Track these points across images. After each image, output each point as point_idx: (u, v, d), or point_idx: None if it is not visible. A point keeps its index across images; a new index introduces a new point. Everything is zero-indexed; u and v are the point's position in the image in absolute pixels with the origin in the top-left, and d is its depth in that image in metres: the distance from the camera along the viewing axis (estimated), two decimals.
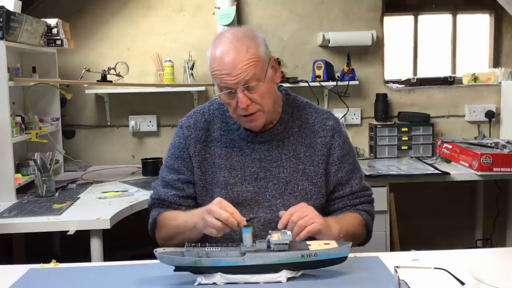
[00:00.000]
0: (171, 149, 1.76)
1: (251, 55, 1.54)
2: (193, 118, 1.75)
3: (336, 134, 1.72)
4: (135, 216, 2.47)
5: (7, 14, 2.49)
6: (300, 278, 1.38)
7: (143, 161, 3.22)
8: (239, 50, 1.54)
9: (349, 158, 1.74)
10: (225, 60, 1.54)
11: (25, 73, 3.00)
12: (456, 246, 2.22)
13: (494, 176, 3.04)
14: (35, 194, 2.59)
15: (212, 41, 1.61)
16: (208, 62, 1.60)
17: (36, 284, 1.42)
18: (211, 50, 1.59)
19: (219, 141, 1.70)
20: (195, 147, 1.70)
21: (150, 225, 1.75)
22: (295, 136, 1.70)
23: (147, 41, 3.52)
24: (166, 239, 1.69)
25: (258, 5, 3.55)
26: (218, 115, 1.73)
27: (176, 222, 1.65)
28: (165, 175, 1.75)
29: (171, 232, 1.66)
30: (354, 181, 1.73)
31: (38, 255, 1.90)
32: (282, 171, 1.67)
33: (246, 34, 1.58)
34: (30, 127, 2.84)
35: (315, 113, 1.75)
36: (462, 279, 1.31)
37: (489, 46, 3.88)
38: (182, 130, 1.74)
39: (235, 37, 1.56)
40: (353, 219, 1.69)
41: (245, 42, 1.55)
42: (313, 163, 1.69)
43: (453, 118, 3.67)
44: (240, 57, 1.53)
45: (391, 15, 3.76)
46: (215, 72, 1.57)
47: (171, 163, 1.74)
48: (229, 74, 1.54)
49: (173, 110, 3.55)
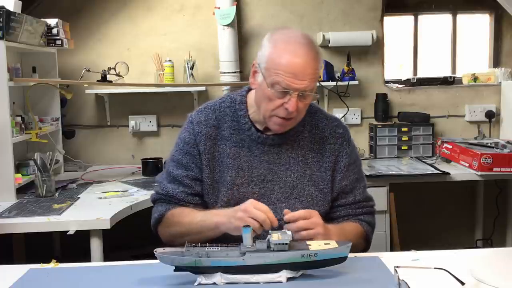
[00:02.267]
0: (180, 143, 1.73)
1: (317, 68, 1.58)
2: (204, 114, 1.72)
3: (345, 142, 1.73)
4: (135, 216, 2.47)
5: (7, 14, 2.49)
6: (300, 278, 1.38)
7: (143, 161, 3.21)
8: (312, 58, 1.55)
9: (355, 167, 1.75)
10: (296, 62, 1.53)
11: (25, 73, 3.00)
12: (456, 246, 2.22)
13: (494, 176, 3.04)
14: (35, 194, 2.59)
15: (277, 37, 1.59)
16: (268, 52, 1.57)
17: (36, 284, 1.42)
18: (277, 45, 1.57)
19: (228, 140, 1.68)
20: (205, 144, 1.68)
21: (155, 220, 1.71)
22: (305, 141, 1.71)
23: (147, 41, 3.52)
24: (175, 236, 1.65)
25: (258, 5, 3.55)
26: (229, 113, 1.71)
27: (189, 220, 1.62)
28: (172, 170, 1.71)
29: (182, 229, 1.63)
30: (357, 191, 1.74)
31: (38, 255, 1.89)
32: (289, 175, 1.67)
33: (315, 45, 1.60)
34: (30, 127, 2.85)
35: (325, 120, 1.75)
36: (462, 279, 1.31)
37: (489, 46, 3.88)
38: (193, 125, 1.71)
39: (308, 43, 1.57)
40: (354, 229, 1.69)
41: (316, 52, 1.58)
42: (320, 169, 1.70)
43: (453, 118, 3.67)
44: (311, 65, 1.55)
45: (391, 15, 3.76)
46: (279, 69, 1.54)
47: (179, 158, 1.71)
48: (296, 77, 1.53)
49: (173, 110, 3.55)
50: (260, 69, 1.60)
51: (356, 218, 1.73)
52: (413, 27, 3.85)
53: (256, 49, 3.54)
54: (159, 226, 1.72)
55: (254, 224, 1.43)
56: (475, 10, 3.89)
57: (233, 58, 3.41)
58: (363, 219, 1.73)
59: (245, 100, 1.72)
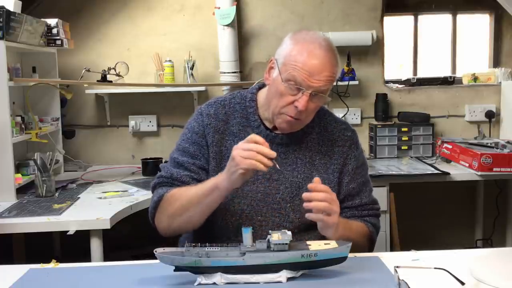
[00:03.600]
0: (188, 133, 1.71)
1: (334, 72, 1.59)
2: (214, 108, 1.72)
3: (353, 145, 1.74)
4: (135, 216, 2.47)
5: (7, 14, 2.49)
6: (300, 278, 1.38)
7: (143, 161, 3.21)
8: (330, 61, 1.56)
9: (362, 170, 1.76)
10: (314, 62, 1.54)
11: (25, 73, 3.00)
12: (456, 246, 2.21)
13: (494, 176, 3.04)
14: (35, 194, 2.59)
15: (299, 36, 1.60)
16: (288, 49, 1.58)
17: (36, 284, 1.42)
18: (298, 43, 1.58)
19: (236, 136, 1.68)
20: (213, 137, 1.67)
21: (154, 203, 1.65)
22: (313, 143, 1.71)
23: (147, 41, 3.52)
24: (174, 215, 1.59)
25: (258, 5, 3.55)
26: (239, 109, 1.71)
27: (187, 192, 1.58)
28: (178, 157, 1.68)
29: (182, 203, 1.57)
30: (364, 194, 1.74)
31: (38, 255, 1.89)
32: (295, 175, 1.67)
33: (335, 50, 1.61)
34: (30, 127, 2.85)
35: (334, 122, 1.76)
36: (462, 279, 1.31)
37: (489, 46, 3.88)
38: (202, 117, 1.70)
39: (329, 47, 1.58)
40: (360, 227, 1.70)
41: (334, 57, 1.59)
42: (327, 171, 1.70)
43: (453, 118, 3.67)
44: (328, 67, 1.56)
45: (391, 15, 3.76)
46: (296, 65, 1.55)
47: (186, 147, 1.68)
48: (311, 76, 1.54)
49: (173, 110, 3.55)
50: (277, 64, 1.61)
51: (361, 219, 1.73)
52: (413, 27, 3.85)
53: (256, 49, 3.58)
54: (156, 212, 1.65)
55: (252, 164, 1.41)
56: (475, 10, 3.88)
57: (233, 58, 3.41)
58: (368, 220, 1.73)
59: (255, 98, 1.73)
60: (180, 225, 1.62)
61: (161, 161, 3.18)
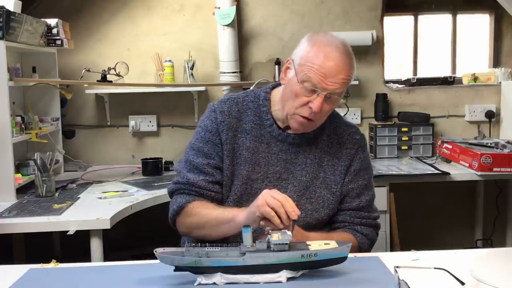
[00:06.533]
0: (201, 131, 1.72)
1: (350, 75, 1.60)
2: (227, 105, 1.72)
3: (360, 148, 1.75)
4: (135, 216, 2.47)
5: (7, 14, 2.49)
6: (300, 278, 1.38)
7: (143, 161, 3.21)
8: (346, 64, 1.58)
9: (365, 174, 1.76)
10: (330, 64, 1.55)
11: (25, 73, 3.00)
12: (456, 246, 2.22)
13: (494, 176, 3.04)
14: (35, 194, 2.59)
15: (317, 38, 1.60)
16: (305, 51, 1.59)
17: (36, 284, 1.42)
18: (316, 45, 1.58)
19: (249, 134, 1.69)
20: (227, 135, 1.68)
21: (174, 212, 1.69)
22: (322, 144, 1.72)
23: (147, 41, 3.52)
24: (193, 228, 1.65)
25: (258, 5, 3.55)
26: (252, 107, 1.72)
27: (208, 212, 1.61)
28: (193, 158, 1.70)
29: (201, 221, 1.62)
30: (363, 197, 1.74)
31: (38, 255, 1.89)
32: (304, 175, 1.68)
33: (351, 54, 1.62)
34: (30, 127, 2.85)
35: (344, 125, 1.77)
36: (462, 279, 1.31)
37: (489, 46, 3.88)
38: (215, 114, 1.71)
39: (346, 50, 1.59)
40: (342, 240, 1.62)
41: (351, 60, 1.61)
42: (335, 172, 1.71)
43: (453, 118, 3.67)
44: (344, 70, 1.57)
45: (391, 15, 3.76)
46: (313, 67, 1.55)
47: (200, 146, 1.70)
48: (326, 78, 1.55)
49: (173, 110, 3.55)
50: (293, 65, 1.61)
51: (352, 228, 1.71)
52: (413, 27, 3.85)
53: (256, 49, 3.58)
54: (177, 218, 1.69)
55: (269, 213, 1.40)
56: (475, 10, 3.89)
57: (233, 58, 3.41)
58: (359, 230, 1.71)
59: (269, 97, 1.73)
60: (198, 236, 1.66)
61: (161, 161, 3.18)
